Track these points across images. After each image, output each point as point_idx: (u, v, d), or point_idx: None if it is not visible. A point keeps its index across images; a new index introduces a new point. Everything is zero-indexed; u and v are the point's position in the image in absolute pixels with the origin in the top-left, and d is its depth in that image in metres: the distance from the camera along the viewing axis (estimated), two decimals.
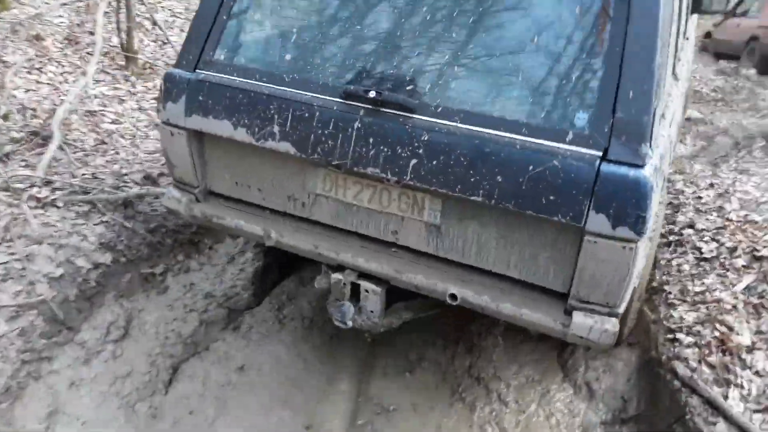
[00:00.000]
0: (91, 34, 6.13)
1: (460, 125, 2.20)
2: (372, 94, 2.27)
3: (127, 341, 3.15)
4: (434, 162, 2.22)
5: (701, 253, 3.47)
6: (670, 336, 2.91)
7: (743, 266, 3.27)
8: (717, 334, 2.84)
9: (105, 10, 6.41)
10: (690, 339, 2.85)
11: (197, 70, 2.60)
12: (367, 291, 2.58)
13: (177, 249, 3.81)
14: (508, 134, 2.15)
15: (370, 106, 2.31)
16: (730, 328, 2.86)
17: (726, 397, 2.55)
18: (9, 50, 5.30)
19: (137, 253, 3.56)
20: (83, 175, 4.02)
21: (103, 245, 3.42)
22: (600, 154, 2.04)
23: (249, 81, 2.51)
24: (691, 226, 3.76)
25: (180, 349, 3.20)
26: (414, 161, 2.24)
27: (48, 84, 5.16)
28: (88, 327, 3.10)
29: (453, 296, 2.38)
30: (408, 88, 2.30)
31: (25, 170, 3.87)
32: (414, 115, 2.26)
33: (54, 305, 2.98)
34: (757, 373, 2.65)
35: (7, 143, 4.08)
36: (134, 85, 5.65)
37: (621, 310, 2.25)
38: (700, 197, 4.17)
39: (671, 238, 3.69)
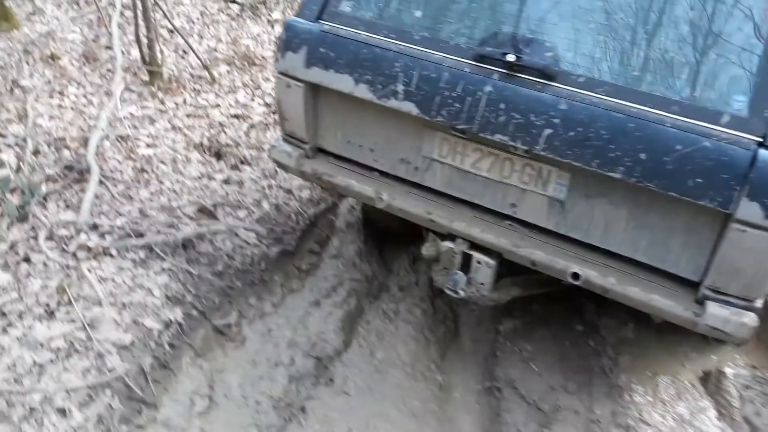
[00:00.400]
0: (108, 48, 5.64)
1: (604, 98, 2.11)
2: (511, 57, 2.17)
3: (214, 412, 2.69)
4: (571, 134, 2.12)
5: None
6: None
7: None
8: None
9: (118, 21, 5.95)
10: None
11: (320, 21, 2.52)
12: (479, 262, 2.49)
13: (248, 292, 3.35)
14: (656, 111, 2.05)
15: (504, 71, 2.22)
16: None
17: None
18: (25, 73, 4.81)
19: (207, 302, 3.11)
20: (129, 212, 3.57)
21: (170, 298, 2.97)
22: (759, 139, 1.94)
23: (375, 36, 2.43)
24: None
25: (274, 416, 2.74)
26: (548, 131, 2.15)
27: (72, 108, 4.68)
28: (169, 400, 2.65)
29: (575, 275, 2.27)
30: (548, 54, 2.20)
31: (67, 213, 3.41)
32: (554, 84, 2.16)
33: (130, 380, 2.54)
34: None
35: (42, 182, 3.61)
36: (162, 102, 5.16)
37: (759, 304, 2.11)
38: None
39: None
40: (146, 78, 5.41)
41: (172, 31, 6.19)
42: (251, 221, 3.74)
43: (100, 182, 3.71)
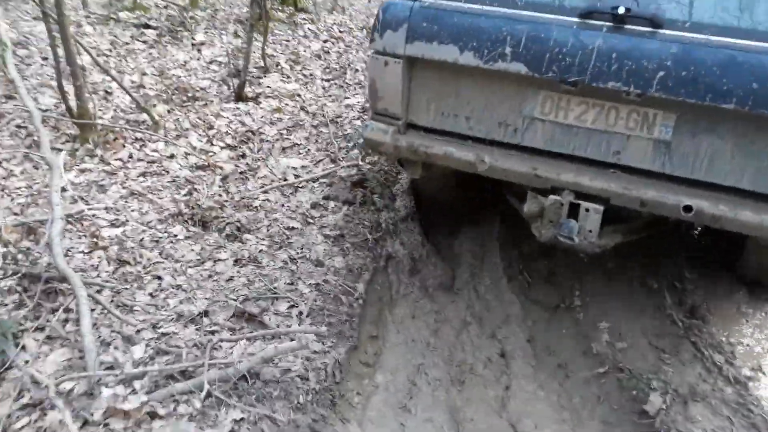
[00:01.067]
0: (11, 98, 4.44)
1: (711, 38, 2.27)
2: (621, 9, 2.34)
3: None
4: (683, 73, 2.28)
5: None
6: None
7: None
8: None
9: (14, 62, 4.69)
10: None
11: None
12: (587, 210, 2.60)
13: (333, 418, 2.52)
14: (763, 44, 2.22)
15: (613, 23, 2.39)
16: None
17: None
18: None
19: None
20: (142, 334, 2.61)
21: None
22: None
23: (477, 6, 2.62)
24: None
25: None
26: (661, 73, 2.31)
27: (2, 191, 3.54)
28: None
29: (688, 208, 2.40)
30: (652, 5, 2.37)
31: (61, 355, 2.40)
32: (662, 30, 2.34)
33: None
34: None
35: (8, 314, 2.55)
36: (105, 161, 4.08)
37: None
38: None
39: None
40: (73, 131, 4.29)
41: (83, 69, 5.03)
42: (302, 317, 2.89)
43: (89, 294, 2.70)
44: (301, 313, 2.91)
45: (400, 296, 3.38)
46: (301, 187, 4.15)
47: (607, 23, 2.40)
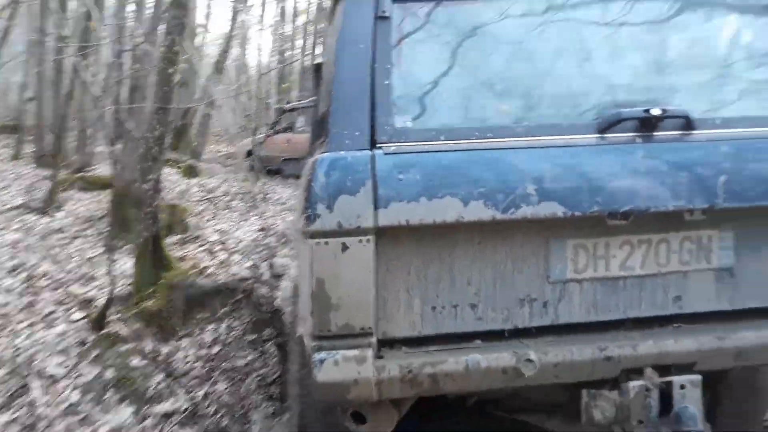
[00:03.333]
0: None
1: (750, 130, 2.02)
2: (656, 111, 1.93)
3: None
4: (743, 174, 1.93)
5: None
6: None
7: None
8: None
9: None
10: None
11: (380, 146, 1.90)
12: (682, 387, 1.93)
13: None
14: None
15: (638, 133, 1.97)
16: None
17: None
18: None
19: None
20: None
21: None
22: None
23: (465, 142, 1.94)
24: None
25: None
26: (722, 178, 1.91)
27: None
28: None
29: None
30: (675, 104, 2.04)
31: None
32: (696, 131, 2.00)
33: None
34: None
35: None
36: None
37: None
38: None
39: None
40: None
41: None
42: None
43: None
44: None
45: None
46: None
47: (633, 134, 1.99)
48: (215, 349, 4.16)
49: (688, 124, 1.98)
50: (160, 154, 4.79)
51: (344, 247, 1.80)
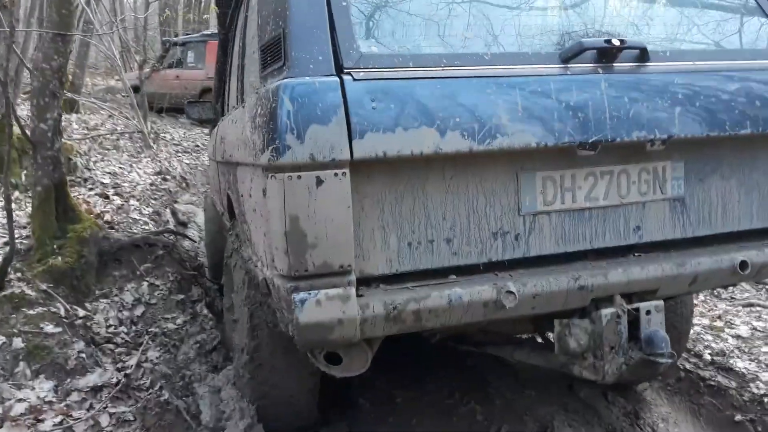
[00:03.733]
0: None
1: (697, 63, 2.14)
2: (616, 41, 2.00)
3: None
4: (697, 105, 2.05)
5: None
6: None
7: None
8: None
9: None
10: None
11: (347, 72, 1.80)
12: (648, 312, 2.04)
13: None
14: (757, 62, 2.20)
15: (599, 64, 2.02)
16: None
17: None
18: None
19: None
20: None
21: None
22: None
23: (437, 69, 1.88)
24: None
25: None
26: (678, 109, 2.02)
27: None
28: None
29: (743, 264, 2.12)
30: (630, 36, 2.14)
31: None
32: (651, 63, 2.08)
33: None
34: None
35: None
36: None
37: None
38: None
39: None
40: None
41: None
42: None
43: None
44: None
45: None
46: None
47: (594, 64, 2.02)
48: (139, 311, 3.74)
49: (644, 55, 2.06)
50: (59, 89, 4.16)
51: (319, 181, 1.70)
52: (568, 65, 2.00)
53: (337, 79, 1.76)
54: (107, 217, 5.40)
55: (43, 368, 3.09)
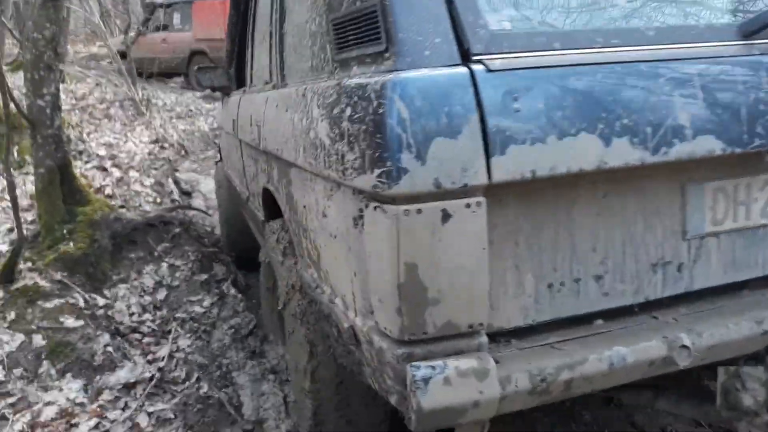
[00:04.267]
0: None
1: None
2: None
3: None
4: None
5: None
6: None
7: None
8: None
9: None
10: None
11: (476, 60, 1.31)
12: None
13: None
14: None
15: None
16: None
17: None
18: None
19: None
20: None
21: None
22: None
23: (589, 51, 1.39)
24: None
25: None
26: None
27: None
28: None
29: None
30: None
31: None
32: None
33: None
34: None
35: None
36: None
37: None
38: None
39: None
40: None
41: None
42: None
43: None
44: None
45: None
46: None
47: None
48: (161, 295, 3.52)
49: None
50: (54, 61, 3.84)
51: (446, 216, 1.26)
52: (753, 42, 1.53)
53: (466, 70, 1.30)
54: (108, 191, 5.15)
55: (68, 366, 2.88)
